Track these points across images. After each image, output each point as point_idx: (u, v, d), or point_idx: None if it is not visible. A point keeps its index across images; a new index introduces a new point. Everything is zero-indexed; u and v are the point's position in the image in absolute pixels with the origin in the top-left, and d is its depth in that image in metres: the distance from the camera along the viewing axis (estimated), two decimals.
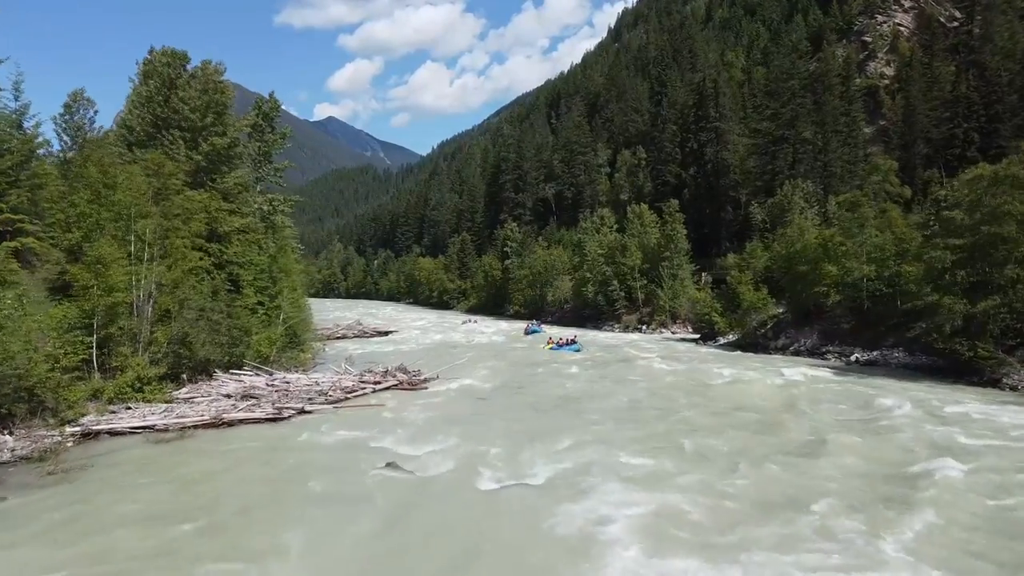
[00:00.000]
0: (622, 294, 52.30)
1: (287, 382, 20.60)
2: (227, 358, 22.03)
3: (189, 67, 27.09)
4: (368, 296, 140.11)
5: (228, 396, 18.81)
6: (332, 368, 25.57)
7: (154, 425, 15.98)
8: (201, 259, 23.04)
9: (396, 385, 22.69)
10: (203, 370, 21.57)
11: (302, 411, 18.14)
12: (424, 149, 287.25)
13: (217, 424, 16.51)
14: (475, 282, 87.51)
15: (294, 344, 27.92)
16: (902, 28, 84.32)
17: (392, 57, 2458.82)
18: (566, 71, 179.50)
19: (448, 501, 11.83)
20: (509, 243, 76.24)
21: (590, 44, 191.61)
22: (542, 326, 51.26)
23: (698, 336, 42.48)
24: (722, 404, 20.47)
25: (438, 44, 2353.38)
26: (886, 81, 77.94)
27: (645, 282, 51.53)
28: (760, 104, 69.68)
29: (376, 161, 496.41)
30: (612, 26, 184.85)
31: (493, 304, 78.87)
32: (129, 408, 17.01)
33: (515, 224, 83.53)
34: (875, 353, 28.37)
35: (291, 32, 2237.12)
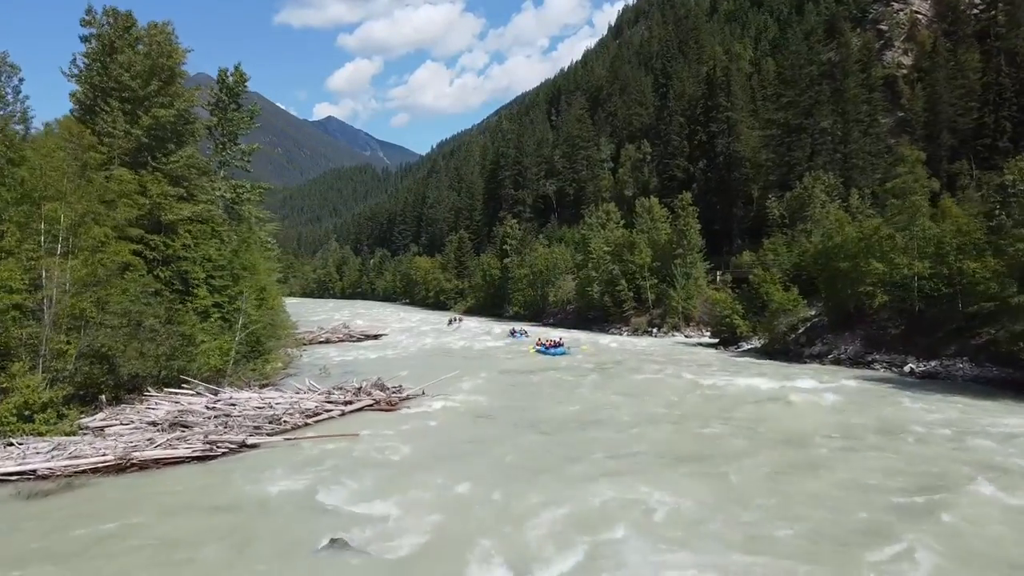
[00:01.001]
0: (630, 294, 48.34)
1: (233, 404, 16.62)
2: (164, 373, 18.08)
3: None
4: (364, 296, 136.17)
5: (154, 424, 14.86)
6: (296, 384, 21.55)
7: (36, 470, 12.03)
8: (135, 252, 19.11)
9: (371, 406, 18.72)
10: (134, 388, 17.63)
11: (243, 445, 14.17)
12: (423, 149, 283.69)
13: (124, 466, 12.55)
14: (473, 282, 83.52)
15: (258, 353, 23.93)
16: (920, 16, 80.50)
17: (392, 57, 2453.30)
18: (567, 68, 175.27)
19: None
20: (508, 241, 72.20)
21: (590, 43, 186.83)
22: (527, 332, 47.38)
23: (716, 341, 38.52)
24: (769, 429, 16.53)
25: (438, 44, 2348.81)
26: (904, 71, 74.19)
27: (656, 281, 47.59)
28: (775, 93, 65.79)
29: (375, 161, 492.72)
30: (612, 24, 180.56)
31: (492, 305, 74.87)
32: (11, 445, 13.05)
33: (515, 221, 79.51)
34: (934, 363, 24.40)
35: (290, 31, 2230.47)
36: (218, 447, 13.68)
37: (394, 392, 20.12)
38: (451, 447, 15.50)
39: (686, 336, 44.32)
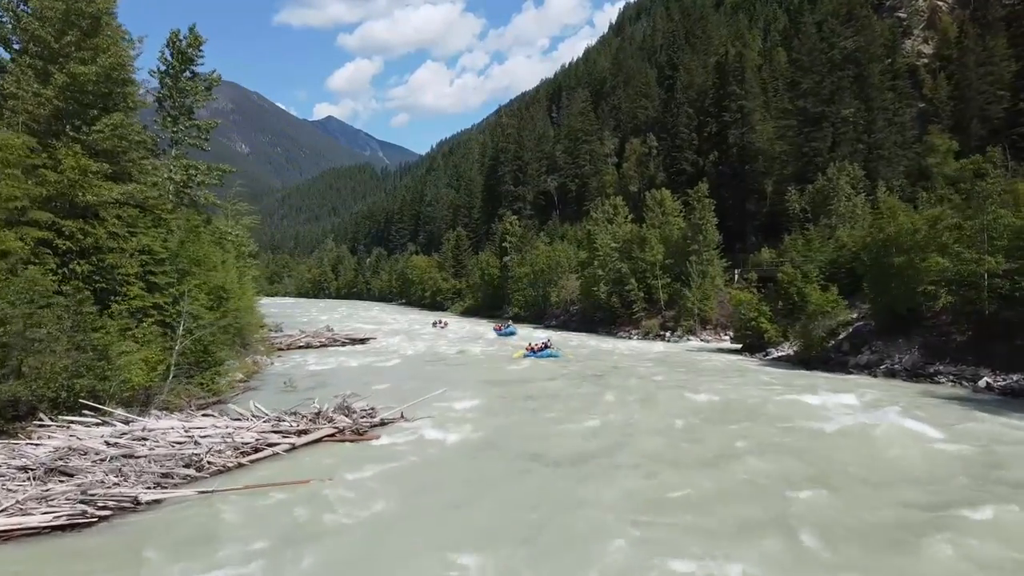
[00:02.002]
0: (641, 295, 44.38)
1: (145, 437, 12.67)
2: (67, 395, 14.11)
3: None
4: (359, 296, 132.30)
5: (26, 470, 10.90)
6: (253, 404, 17.51)
7: None
8: (42, 241, 15.15)
9: (333, 435, 14.71)
10: (24, 415, 13.65)
11: (136, 503, 10.19)
12: (423, 149, 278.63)
13: None
14: (471, 281, 79.52)
15: (208, 364, 19.93)
16: (940, 3, 76.78)
17: (392, 57, 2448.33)
18: (568, 64, 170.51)
19: None
20: (508, 238, 68.14)
21: (591, 41, 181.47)
22: (511, 324, 47.44)
23: (740, 346, 34.56)
24: (855, 465, 12.56)
25: (438, 44, 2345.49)
26: (925, 60, 70.44)
27: (668, 280, 43.63)
28: (791, 80, 61.94)
29: (375, 161, 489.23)
30: (613, 22, 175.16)
31: (491, 305, 70.91)
32: None
33: (515, 217, 75.46)
34: (1016, 377, 20.40)
35: (290, 31, 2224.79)
36: (98, 508, 9.69)
37: (365, 416, 16.10)
38: (433, 497, 11.55)
39: (702, 340, 40.38)
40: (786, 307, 32.88)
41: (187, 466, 11.67)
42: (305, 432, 14.35)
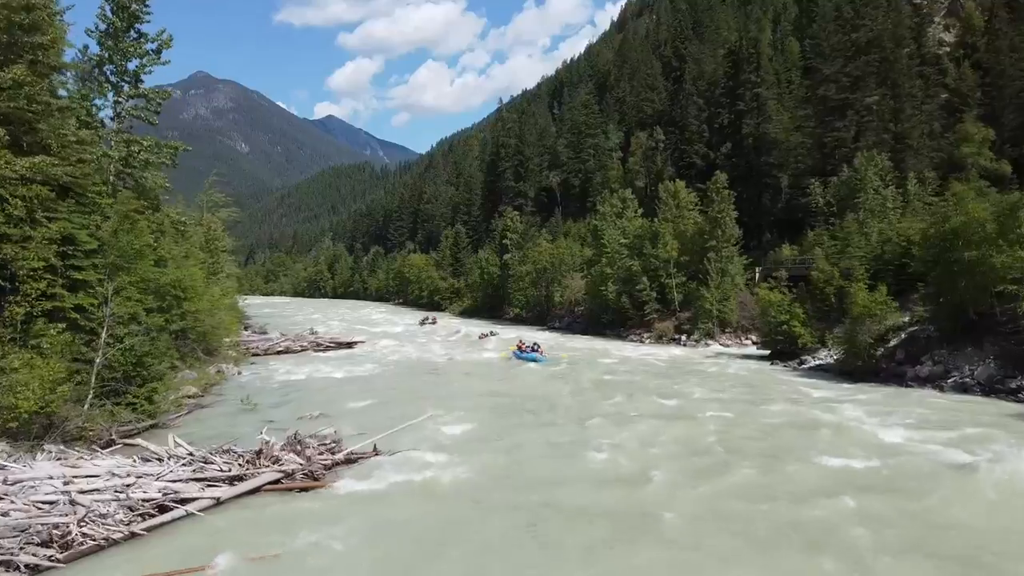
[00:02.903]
0: (653, 295, 40.71)
1: (3, 495, 9.10)
2: None
3: None
4: (356, 296, 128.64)
5: None
6: (154, 448, 13.71)
7: None
8: None
9: (278, 482, 11.09)
10: None
11: None
12: (424, 148, 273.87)
13: None
14: (470, 280, 75.82)
15: (141, 379, 16.27)
16: None
17: (392, 56, 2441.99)
18: (570, 60, 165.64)
19: None
20: (509, 234, 64.41)
21: (593, 39, 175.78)
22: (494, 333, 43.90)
23: (767, 353, 30.93)
24: (978, 525, 9.00)
25: (439, 43, 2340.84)
26: (947, 48, 66.90)
27: (684, 279, 39.99)
28: (809, 67, 58.43)
29: (375, 160, 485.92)
30: (615, 20, 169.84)
31: (490, 307, 67.25)
32: None
33: (516, 212, 71.77)
34: None
35: (291, 30, 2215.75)
36: None
37: (325, 450, 12.45)
38: None
39: (722, 345, 36.75)
40: (821, 309, 29.32)
41: (46, 543, 8.02)
42: (239, 479, 10.71)
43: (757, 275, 41.42)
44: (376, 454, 13.11)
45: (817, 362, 26.87)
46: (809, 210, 46.67)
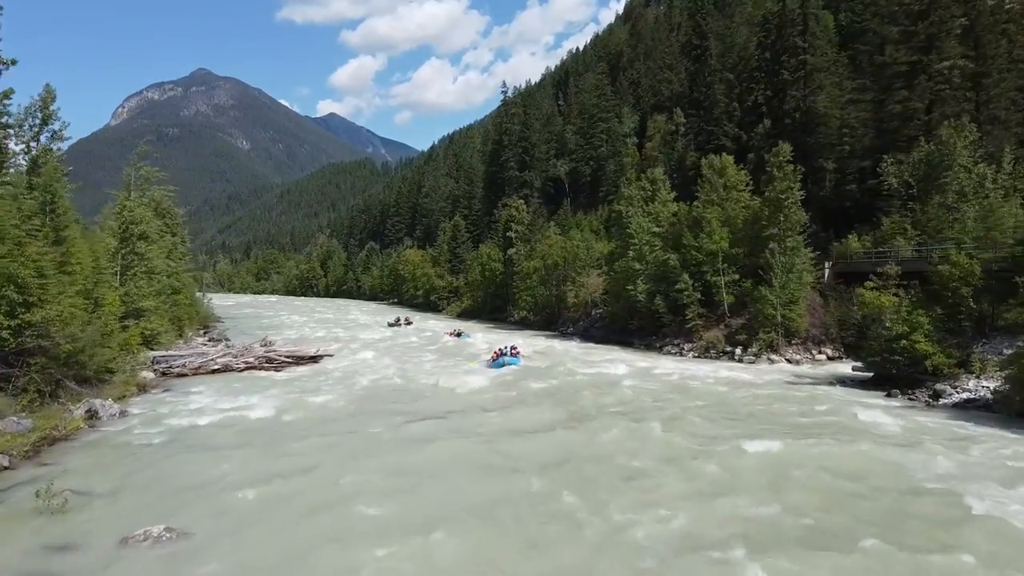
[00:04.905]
0: (696, 296, 32.42)
1: None
2: None
3: None
4: (349, 294, 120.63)
5: None
6: None
7: None
8: None
9: None
10: None
11: None
12: (426, 146, 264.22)
13: None
14: (470, 278, 67.58)
15: None
16: None
17: (395, 53, 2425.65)
18: (576, 50, 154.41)
19: None
20: (514, 226, 56.09)
21: (599, 30, 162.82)
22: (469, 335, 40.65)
23: (869, 375, 22.60)
24: None
25: (441, 41, 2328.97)
26: (1020, 4, 58.36)
27: (737, 277, 31.73)
28: (863, 30, 50.02)
29: (377, 158, 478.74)
30: (620, 12, 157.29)
31: (492, 307, 59.05)
32: None
33: (521, 201, 63.46)
34: None
35: (293, 28, 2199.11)
36: None
37: None
38: None
39: (790, 362, 28.45)
40: (952, 320, 21.04)
41: None
42: None
43: (826, 272, 33.11)
44: None
45: (964, 395, 18.55)
46: (879, 193, 38.31)
